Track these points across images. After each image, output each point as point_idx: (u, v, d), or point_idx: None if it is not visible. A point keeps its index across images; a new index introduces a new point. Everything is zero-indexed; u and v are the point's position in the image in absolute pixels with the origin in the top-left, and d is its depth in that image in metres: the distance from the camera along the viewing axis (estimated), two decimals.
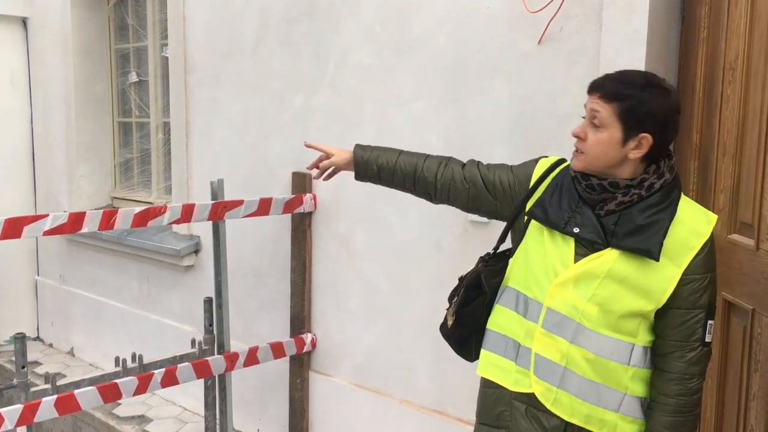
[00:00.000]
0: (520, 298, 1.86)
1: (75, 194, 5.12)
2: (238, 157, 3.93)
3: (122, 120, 5.15)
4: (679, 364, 1.73)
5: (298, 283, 3.58)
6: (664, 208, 1.71)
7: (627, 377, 1.75)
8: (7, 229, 2.58)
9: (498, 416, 1.87)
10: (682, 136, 2.40)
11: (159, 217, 2.97)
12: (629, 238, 1.70)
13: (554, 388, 1.76)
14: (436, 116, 3.02)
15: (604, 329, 1.73)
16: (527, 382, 1.80)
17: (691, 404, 1.75)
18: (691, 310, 1.72)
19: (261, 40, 3.73)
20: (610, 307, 1.72)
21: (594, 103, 1.71)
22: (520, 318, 1.84)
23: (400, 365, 3.26)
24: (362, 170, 2.19)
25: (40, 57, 5.34)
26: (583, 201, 1.78)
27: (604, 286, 1.72)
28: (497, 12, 2.75)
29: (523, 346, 1.82)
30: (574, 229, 1.75)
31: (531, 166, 1.97)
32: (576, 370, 1.75)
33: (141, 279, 4.66)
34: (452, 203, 2.09)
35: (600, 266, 1.73)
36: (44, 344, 5.59)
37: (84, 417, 4.35)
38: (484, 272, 1.96)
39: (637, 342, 1.76)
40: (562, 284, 1.76)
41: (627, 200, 1.72)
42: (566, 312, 1.75)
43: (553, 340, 1.76)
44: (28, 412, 2.70)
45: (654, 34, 2.35)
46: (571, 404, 1.76)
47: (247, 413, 3.94)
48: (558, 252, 1.78)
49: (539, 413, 1.79)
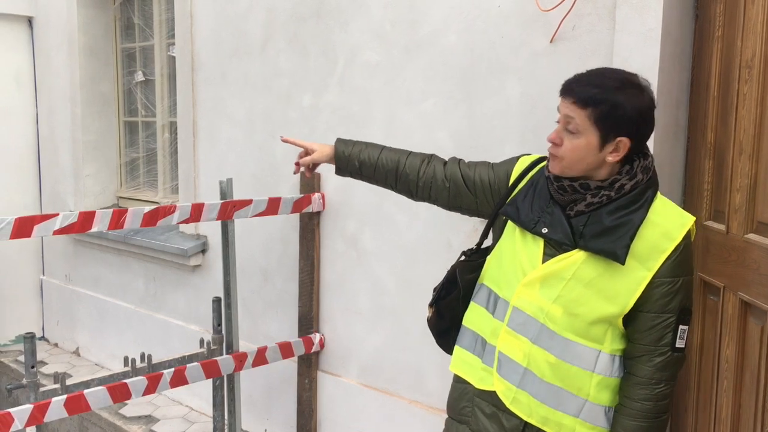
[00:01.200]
0: (491, 296, 1.86)
1: (81, 194, 5.11)
2: (245, 156, 3.92)
3: (128, 119, 5.14)
4: (647, 369, 1.71)
5: (307, 282, 3.56)
6: (635, 210, 1.68)
7: (591, 384, 1.74)
8: (18, 228, 2.57)
9: (461, 411, 1.89)
10: (696, 136, 2.39)
11: (168, 217, 2.96)
12: (596, 239, 1.68)
13: (514, 388, 1.77)
14: (446, 115, 3.01)
15: (568, 333, 1.72)
16: (491, 380, 1.81)
17: (657, 410, 1.72)
18: (660, 314, 1.69)
19: (269, 38, 3.72)
20: (575, 310, 1.71)
21: (567, 108, 1.69)
22: (489, 316, 1.85)
23: (408, 365, 3.25)
24: (343, 165, 2.17)
25: (46, 56, 5.33)
26: (554, 201, 1.77)
27: (570, 288, 1.71)
28: (509, 10, 2.74)
29: (489, 343, 1.83)
30: (543, 229, 1.75)
31: (511, 164, 1.96)
32: (536, 372, 1.74)
33: (147, 278, 4.65)
34: (433, 201, 2.08)
35: (567, 268, 1.72)
36: (49, 344, 5.58)
37: (90, 417, 4.34)
38: (459, 267, 1.98)
39: (604, 349, 1.74)
40: (529, 284, 1.75)
41: (596, 201, 1.70)
42: (531, 312, 1.75)
43: (516, 340, 1.76)
44: (37, 412, 2.69)
45: (668, 33, 2.33)
46: (529, 405, 1.76)
47: (254, 413, 3.93)
48: (527, 252, 1.78)
49: (499, 412, 1.80)
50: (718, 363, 2.17)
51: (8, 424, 2.62)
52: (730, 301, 2.11)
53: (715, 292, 2.21)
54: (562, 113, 1.71)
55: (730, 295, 2.11)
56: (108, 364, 4.98)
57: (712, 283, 2.22)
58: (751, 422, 1.99)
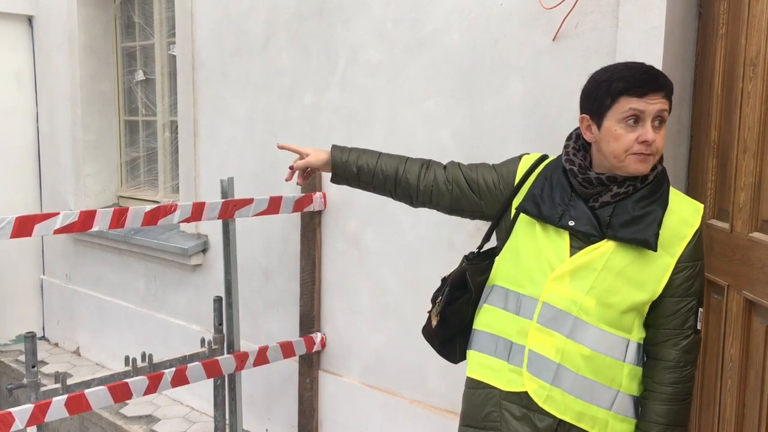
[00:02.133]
0: (510, 296, 1.84)
1: (81, 193, 5.10)
2: (245, 155, 3.91)
3: (129, 118, 5.13)
4: (674, 352, 1.75)
5: (308, 282, 3.55)
6: (657, 199, 1.74)
7: (623, 374, 1.75)
8: (18, 227, 2.56)
9: (485, 417, 1.85)
10: (699, 134, 2.38)
11: (169, 216, 2.95)
12: (625, 228, 1.71)
13: (547, 385, 1.75)
14: (448, 114, 3.00)
15: (602, 324, 1.73)
16: (520, 380, 1.79)
17: (685, 392, 1.76)
18: (684, 298, 1.74)
19: (270, 37, 3.71)
20: (608, 300, 1.72)
21: (660, 102, 1.69)
22: (512, 316, 1.82)
23: (410, 365, 3.24)
24: (340, 172, 2.13)
25: (46, 55, 5.32)
26: (576, 194, 1.77)
27: (602, 279, 1.72)
28: (511, 8, 2.73)
29: (516, 344, 1.81)
30: (569, 222, 1.75)
31: (515, 163, 1.96)
32: (570, 367, 1.74)
33: (148, 278, 4.64)
34: (434, 206, 2.06)
35: (598, 258, 1.73)
36: (50, 343, 5.57)
37: (91, 417, 4.33)
38: (469, 270, 1.96)
39: (632, 338, 1.76)
40: (558, 278, 1.75)
41: (622, 192, 1.73)
42: (563, 306, 1.74)
43: (548, 336, 1.75)
44: (38, 412, 2.68)
45: (671, 31, 2.32)
46: (564, 401, 1.75)
47: (255, 413, 3.92)
48: (552, 246, 1.78)
49: (531, 413, 1.78)
50: (722, 362, 2.16)
51: (9, 423, 2.61)
52: (735, 300, 2.10)
53: (719, 290, 2.20)
54: (653, 110, 1.68)
55: (734, 294, 2.10)
56: (109, 364, 4.97)
57: (716, 281, 2.21)
58: (755, 421, 1.98)
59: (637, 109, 1.68)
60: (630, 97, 1.68)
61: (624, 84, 1.69)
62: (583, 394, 1.74)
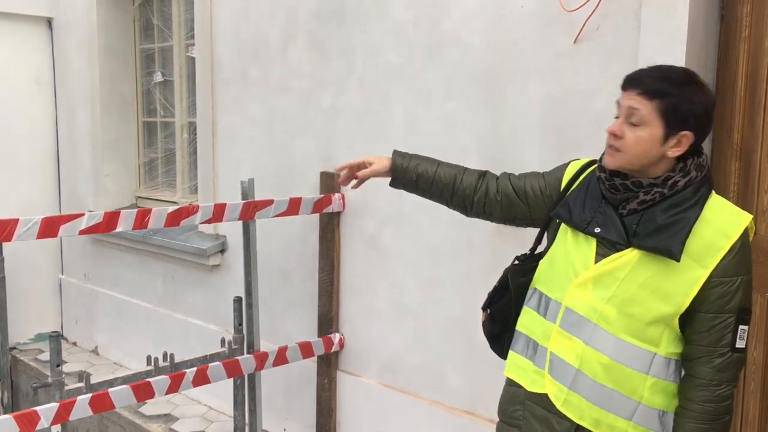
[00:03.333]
0: (542, 299, 1.87)
1: (100, 193, 5.15)
2: (264, 156, 3.93)
3: (147, 120, 5.17)
4: (707, 370, 1.69)
5: (326, 282, 3.57)
6: (689, 207, 1.67)
7: (644, 386, 1.72)
8: (44, 228, 2.59)
9: (511, 414, 1.90)
10: (722, 136, 2.38)
11: (191, 217, 2.97)
12: (650, 237, 1.67)
13: (566, 389, 1.76)
14: (468, 116, 3.01)
15: (622, 333, 1.71)
16: (542, 382, 1.81)
17: (718, 412, 1.70)
18: (720, 315, 1.67)
19: (288, 39, 3.73)
20: (629, 310, 1.70)
21: (632, 100, 1.67)
22: (540, 318, 1.85)
23: (429, 365, 3.25)
24: (400, 177, 2.14)
25: (65, 57, 5.37)
26: (606, 201, 1.77)
27: (624, 288, 1.70)
28: (532, 10, 2.74)
29: (541, 345, 1.83)
30: (596, 229, 1.74)
31: (561, 170, 1.97)
32: (588, 373, 1.73)
33: (166, 278, 4.68)
34: (488, 216, 2.07)
35: (621, 267, 1.71)
36: (68, 342, 5.61)
37: (111, 415, 4.37)
38: (511, 271, 1.98)
39: (659, 351, 1.72)
40: (581, 284, 1.75)
41: (649, 199, 1.70)
42: (584, 312, 1.74)
43: (568, 340, 1.76)
44: (63, 411, 2.71)
45: (693, 33, 2.33)
46: (580, 406, 1.75)
47: (273, 413, 3.95)
48: (579, 252, 1.78)
49: (551, 415, 1.79)
50: (746, 365, 2.16)
51: (35, 422, 2.65)
52: (758, 303, 2.10)
53: None
54: (624, 105, 1.69)
55: (758, 297, 2.10)
56: (127, 363, 5.02)
57: None
58: None
59: (618, 102, 1.71)
60: (621, 90, 1.72)
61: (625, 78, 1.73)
62: (600, 401, 1.74)
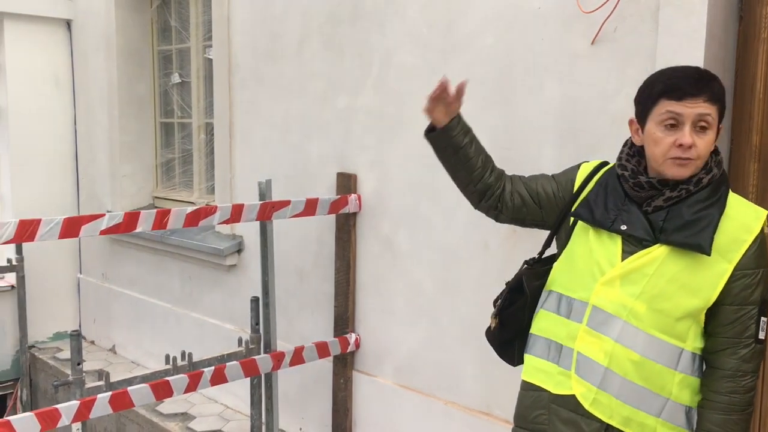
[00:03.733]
0: (562, 300, 1.86)
1: (117, 194, 5.20)
2: (280, 157, 3.96)
3: (164, 120, 5.22)
4: (732, 361, 1.73)
5: (342, 283, 3.59)
6: (713, 204, 1.71)
7: (673, 382, 1.74)
8: (66, 228, 2.63)
9: (534, 419, 1.87)
10: (740, 138, 2.37)
11: (209, 217, 3.00)
12: (679, 233, 1.70)
13: (594, 388, 1.75)
14: (483, 117, 3.00)
15: (652, 329, 1.72)
16: (569, 383, 1.80)
17: (743, 403, 1.73)
18: (744, 306, 1.72)
19: (304, 41, 3.76)
20: (659, 306, 1.72)
21: (700, 107, 1.67)
22: (563, 320, 1.84)
23: (444, 366, 3.26)
24: (452, 133, 1.99)
25: (84, 58, 5.43)
26: (629, 199, 1.78)
27: (653, 284, 1.72)
28: (549, 12, 2.74)
29: (566, 347, 1.82)
30: (622, 226, 1.76)
31: (573, 172, 1.98)
32: (618, 371, 1.74)
33: (183, 278, 4.72)
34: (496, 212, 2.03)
35: (649, 263, 1.72)
36: (86, 341, 5.67)
37: (128, 414, 4.42)
38: (525, 274, 1.99)
39: (686, 347, 1.74)
40: (608, 282, 1.76)
41: (675, 195, 1.73)
42: (612, 310, 1.75)
43: (597, 339, 1.76)
44: (84, 409, 2.75)
45: (712, 35, 2.32)
46: (610, 405, 1.75)
47: (290, 412, 3.97)
48: (604, 250, 1.78)
49: (578, 417, 1.78)
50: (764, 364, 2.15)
51: (56, 419, 2.69)
52: None
53: None
54: (692, 113, 1.67)
55: None
56: (144, 362, 5.06)
57: None
58: None
59: (674, 112, 1.68)
60: (668, 100, 1.69)
61: (663, 87, 1.70)
62: (630, 399, 1.74)
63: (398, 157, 3.35)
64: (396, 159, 3.37)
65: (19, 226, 2.55)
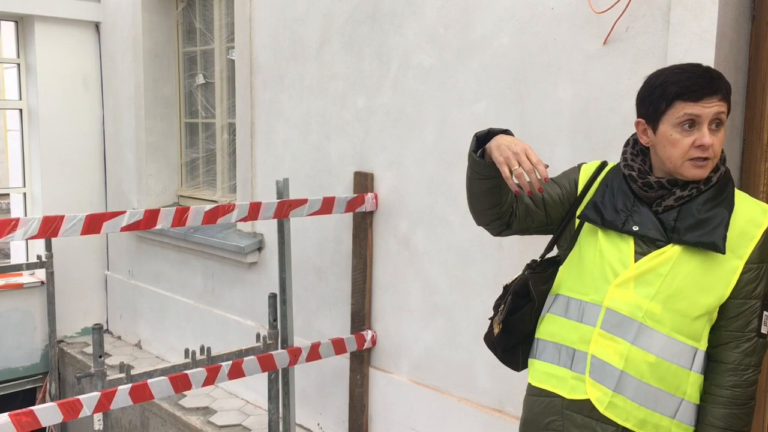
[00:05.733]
0: (572, 304, 1.84)
1: (143, 192, 5.31)
2: (300, 156, 4.02)
3: (189, 121, 5.32)
4: (735, 355, 1.73)
5: (359, 281, 3.64)
6: (722, 201, 1.72)
7: (688, 382, 1.74)
8: (88, 224, 2.72)
9: (547, 426, 1.85)
10: (752, 137, 2.37)
11: (228, 215, 3.07)
12: (692, 232, 1.70)
13: (610, 392, 1.74)
14: (498, 117, 3.04)
15: (668, 330, 1.72)
16: (583, 387, 1.78)
17: (745, 396, 1.73)
18: (748, 300, 1.72)
19: (324, 42, 3.81)
20: (675, 306, 1.71)
21: (715, 106, 1.67)
22: (574, 324, 1.82)
23: (459, 364, 3.29)
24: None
25: (112, 60, 5.55)
26: (638, 199, 1.78)
27: (667, 284, 1.71)
28: (562, 12, 2.76)
29: (579, 351, 1.80)
30: (634, 227, 1.75)
31: (574, 173, 1.96)
32: (634, 374, 1.73)
33: (206, 275, 4.81)
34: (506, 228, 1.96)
35: (663, 263, 1.72)
36: (113, 336, 5.81)
37: (151, 407, 4.51)
38: (532, 279, 1.95)
39: (700, 347, 1.75)
40: (622, 284, 1.74)
41: (686, 195, 1.73)
42: (627, 312, 1.73)
43: (612, 342, 1.74)
44: (104, 400, 2.83)
45: (723, 34, 2.32)
46: (626, 408, 1.74)
47: (307, 407, 4.03)
48: (616, 252, 1.77)
49: (593, 421, 1.77)
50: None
51: (77, 410, 2.77)
52: None
53: None
54: (710, 113, 1.67)
55: None
56: (168, 357, 5.17)
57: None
58: None
59: (692, 113, 1.67)
60: (685, 102, 1.67)
61: (678, 88, 1.68)
62: (646, 401, 1.74)
63: (415, 156, 3.39)
64: (413, 158, 3.41)
65: (43, 222, 2.63)
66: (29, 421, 2.67)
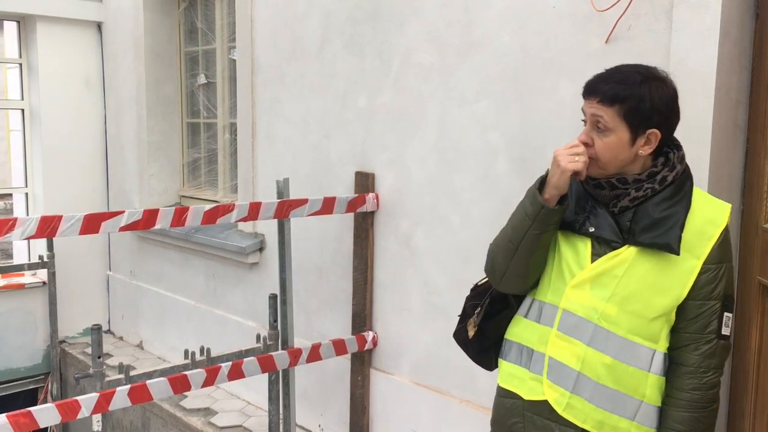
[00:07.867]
0: (534, 305, 1.84)
1: (145, 192, 5.30)
2: (301, 156, 4.00)
3: (190, 120, 5.31)
4: (694, 357, 1.71)
5: (360, 281, 3.62)
6: (679, 201, 1.70)
7: (646, 384, 1.72)
8: (87, 224, 2.70)
9: (510, 428, 1.85)
10: (756, 136, 2.34)
11: (227, 215, 3.05)
12: (646, 233, 1.69)
13: (567, 393, 1.74)
14: (499, 116, 3.02)
15: (624, 332, 1.71)
16: (541, 389, 1.78)
17: (706, 399, 1.71)
18: (707, 302, 1.70)
19: (325, 41, 3.79)
20: (630, 307, 1.70)
21: (594, 108, 1.71)
22: (534, 324, 1.82)
23: (459, 365, 3.26)
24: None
25: (114, 60, 5.55)
26: (596, 201, 1.77)
27: (623, 285, 1.70)
28: (563, 11, 2.73)
29: (537, 351, 1.80)
30: (590, 228, 1.74)
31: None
32: (591, 375, 1.72)
33: (207, 275, 4.79)
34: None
35: (619, 265, 1.71)
36: (115, 337, 5.80)
37: (152, 408, 4.50)
38: None
39: (659, 348, 1.73)
40: (578, 285, 1.74)
41: (641, 195, 1.72)
42: (583, 314, 1.73)
43: (569, 343, 1.74)
44: (103, 401, 2.82)
45: (726, 32, 2.29)
46: (583, 410, 1.73)
47: (308, 408, 4.01)
48: (574, 254, 1.77)
49: (552, 424, 1.77)
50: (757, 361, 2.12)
51: (76, 411, 2.76)
52: None
53: None
54: (588, 113, 1.75)
55: None
56: (169, 357, 5.15)
57: None
58: None
59: (582, 110, 1.76)
60: (583, 98, 1.77)
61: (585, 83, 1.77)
62: (603, 403, 1.73)
63: (417, 156, 3.37)
64: (414, 158, 3.38)
65: (41, 222, 2.62)
66: (27, 422, 2.65)
